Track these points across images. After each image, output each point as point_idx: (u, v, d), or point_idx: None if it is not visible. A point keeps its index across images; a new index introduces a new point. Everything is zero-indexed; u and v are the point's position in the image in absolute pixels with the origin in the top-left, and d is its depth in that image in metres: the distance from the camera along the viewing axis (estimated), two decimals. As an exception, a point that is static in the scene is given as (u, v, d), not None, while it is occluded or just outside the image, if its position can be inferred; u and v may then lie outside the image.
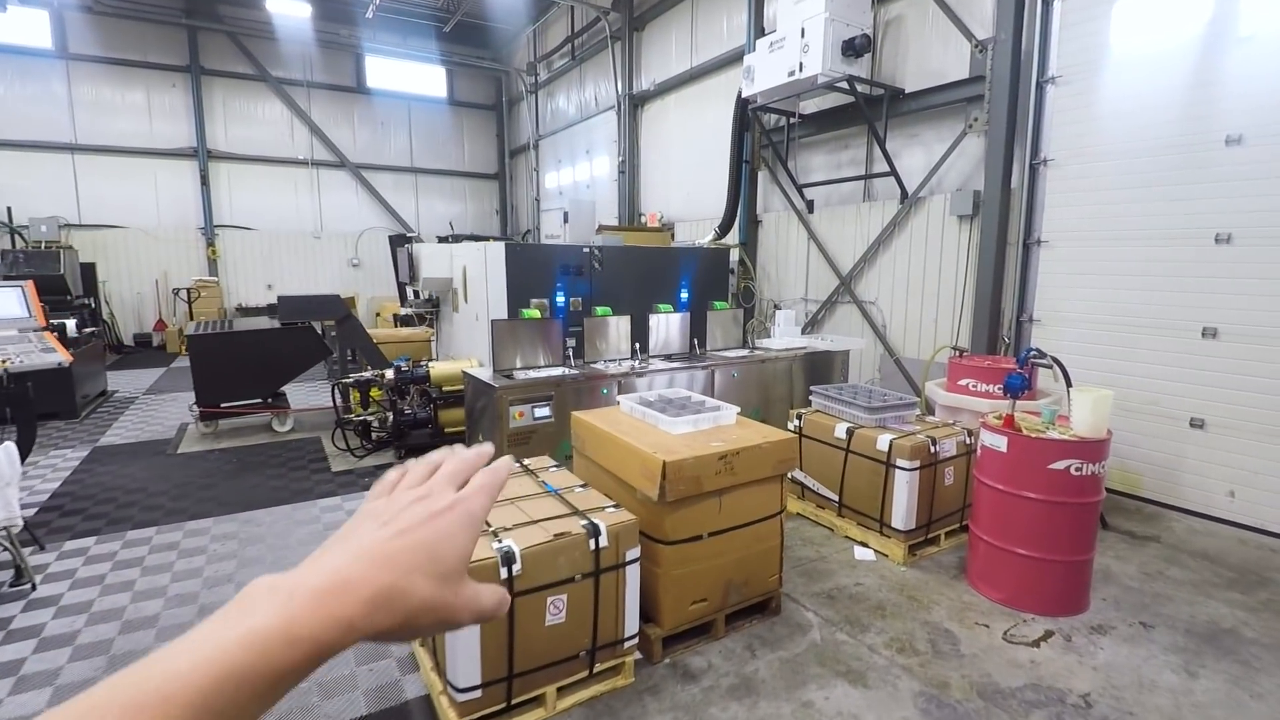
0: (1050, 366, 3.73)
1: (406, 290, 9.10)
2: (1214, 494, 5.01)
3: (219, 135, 14.84)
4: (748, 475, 3.25)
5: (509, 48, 16.56)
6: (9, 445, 3.84)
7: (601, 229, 8.68)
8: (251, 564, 4.27)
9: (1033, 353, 3.80)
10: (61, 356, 5.64)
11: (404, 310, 8.09)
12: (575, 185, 14.25)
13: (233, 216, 15.09)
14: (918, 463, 4.09)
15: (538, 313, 5.38)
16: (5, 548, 3.91)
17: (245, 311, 14.68)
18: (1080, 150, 5.62)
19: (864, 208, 7.58)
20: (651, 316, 6.11)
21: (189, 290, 13.75)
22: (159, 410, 8.54)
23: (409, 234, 14.11)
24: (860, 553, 4.33)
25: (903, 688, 3.02)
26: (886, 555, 4.27)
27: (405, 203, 16.92)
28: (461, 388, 5.83)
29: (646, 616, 3.17)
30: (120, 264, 14.21)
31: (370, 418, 6.41)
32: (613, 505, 2.99)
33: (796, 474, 4.89)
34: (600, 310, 5.81)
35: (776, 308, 8.67)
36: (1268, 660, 3.26)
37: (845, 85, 6.69)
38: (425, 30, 15.59)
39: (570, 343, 5.89)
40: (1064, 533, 3.58)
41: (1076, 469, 3.48)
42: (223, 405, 7.15)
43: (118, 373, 11.30)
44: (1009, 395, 3.65)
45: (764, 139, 8.60)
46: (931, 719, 2.83)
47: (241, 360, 6.99)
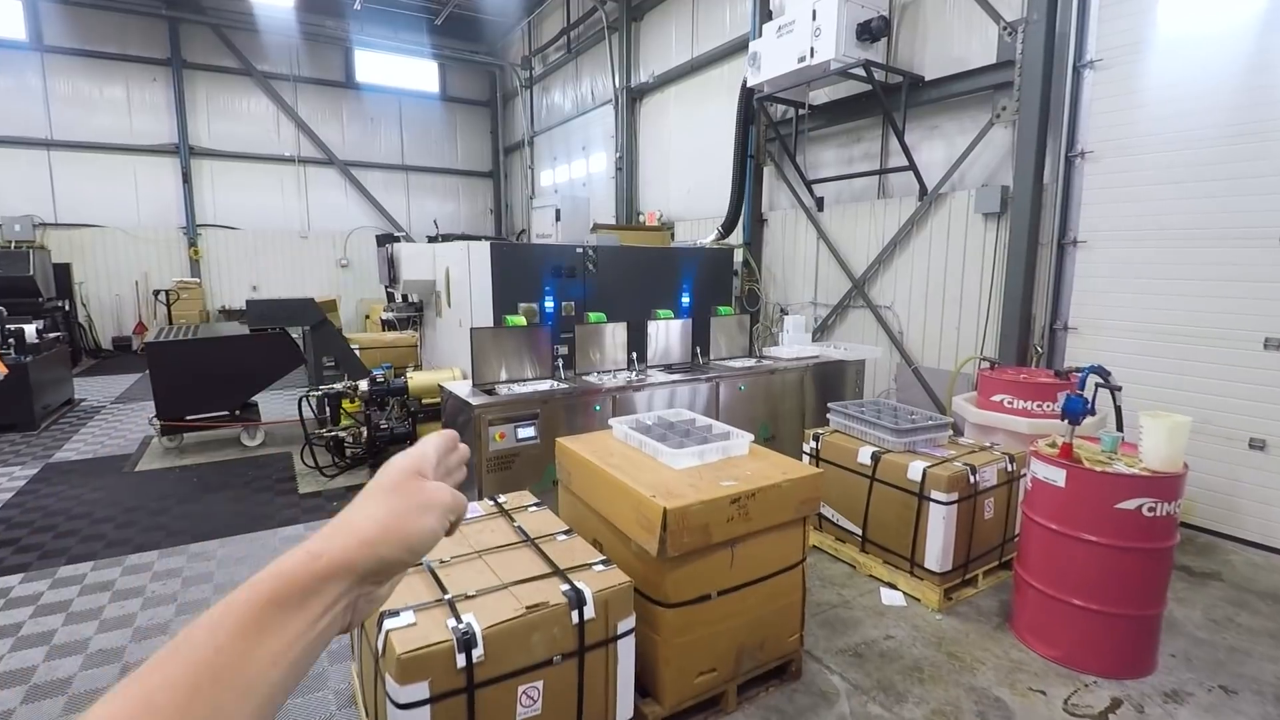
0: (1116, 389, 3.20)
1: (395, 294, 8.58)
2: (1276, 523, 4.49)
3: (202, 131, 14.28)
4: (765, 520, 2.72)
5: (503, 41, 16.03)
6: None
7: (597, 228, 8.15)
8: (192, 608, 3.74)
9: (1092, 371, 3.27)
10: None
11: (384, 314, 7.55)
12: (571, 183, 13.72)
13: (216, 215, 14.53)
14: (956, 495, 3.57)
15: (524, 320, 4.85)
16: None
17: (228, 314, 14.12)
18: (1122, 141, 5.10)
19: (879, 205, 7.05)
20: (650, 323, 5.59)
21: (168, 292, 13.19)
22: (125, 421, 8.01)
23: (396, 234, 13.57)
24: (888, 596, 3.80)
25: (953, 781, 2.50)
26: (919, 599, 3.74)
27: (396, 202, 16.38)
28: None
29: (643, 690, 2.64)
30: (98, 265, 13.65)
31: (342, 433, 5.88)
32: (601, 561, 2.46)
33: (812, 502, 4.36)
34: (593, 316, 5.28)
35: (784, 312, 8.15)
36: (1384, 741, 2.74)
37: (860, 72, 6.16)
38: (416, 23, 15.04)
39: (562, 351, 5.38)
40: (1132, 583, 3.05)
41: (1149, 509, 2.95)
42: (187, 418, 6.62)
43: (89, 379, 10.76)
44: (1068, 420, 3.12)
45: (770, 132, 8.08)
46: (993, 827, 2.31)
47: (206, 370, 6.45)
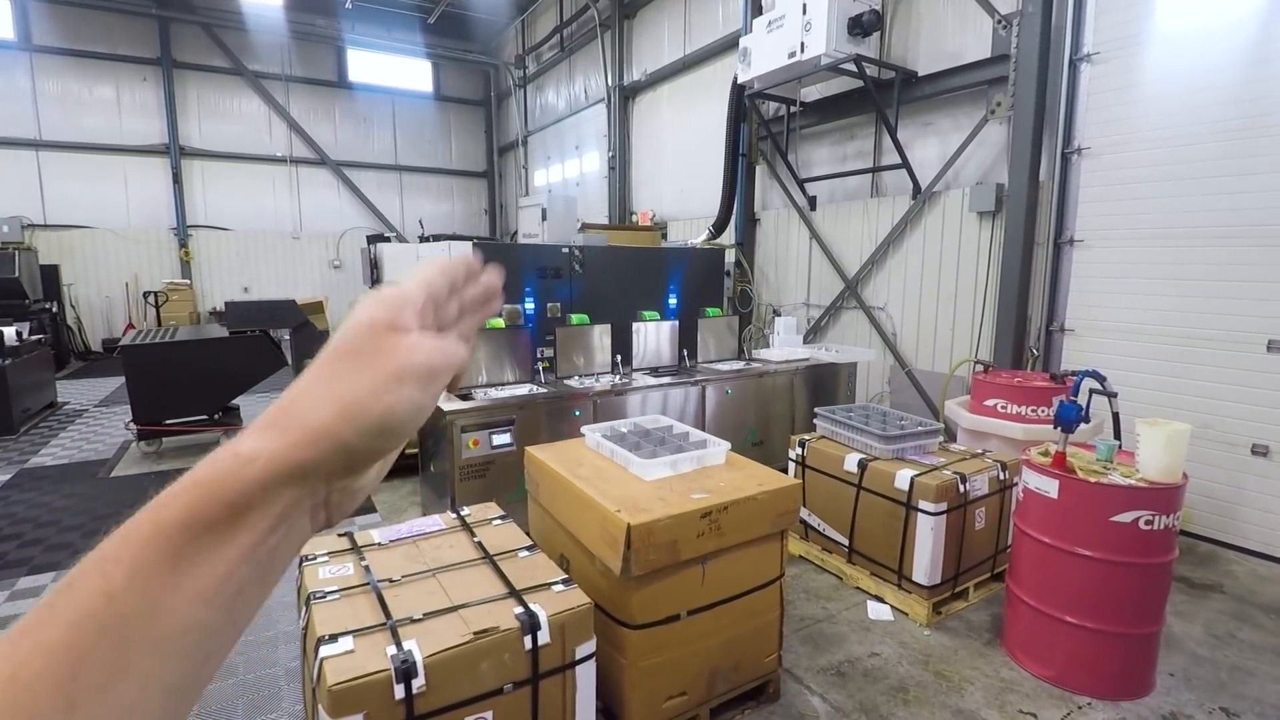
0: (1112, 395, 3.05)
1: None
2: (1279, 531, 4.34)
3: (192, 131, 14.15)
4: (739, 535, 2.58)
5: (497, 40, 15.89)
6: None
7: (585, 227, 8.00)
8: (151, 624, 3.59)
9: (1087, 375, 3.12)
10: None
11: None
12: (565, 183, 13.57)
13: (207, 216, 14.40)
14: (944, 505, 3.42)
15: (502, 322, 4.71)
16: None
17: (219, 316, 13.98)
18: (1120, 137, 4.95)
19: (872, 204, 6.90)
20: (635, 325, 5.45)
21: (157, 294, 13.05)
22: (106, 425, 7.86)
23: (387, 235, 13.43)
24: (875, 610, 3.65)
25: (937, 814, 2.35)
26: (906, 614, 3.59)
27: (389, 202, 16.24)
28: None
29: (609, 716, 2.50)
30: (88, 266, 13.52)
31: (320, 439, 5.73)
32: (562, 580, 2.31)
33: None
34: (576, 318, 5.13)
35: (776, 313, 7.99)
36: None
37: (852, 67, 6.01)
38: (409, 22, 14.90)
39: (548, 354, 5.24)
40: (1128, 600, 2.90)
41: (1146, 522, 2.80)
42: (166, 422, 6.48)
43: (74, 382, 10.63)
44: (1061, 428, 2.97)
45: (762, 130, 7.93)
46: None
47: (183, 373, 6.30)
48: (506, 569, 2.40)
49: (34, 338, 8.49)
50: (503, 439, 4.10)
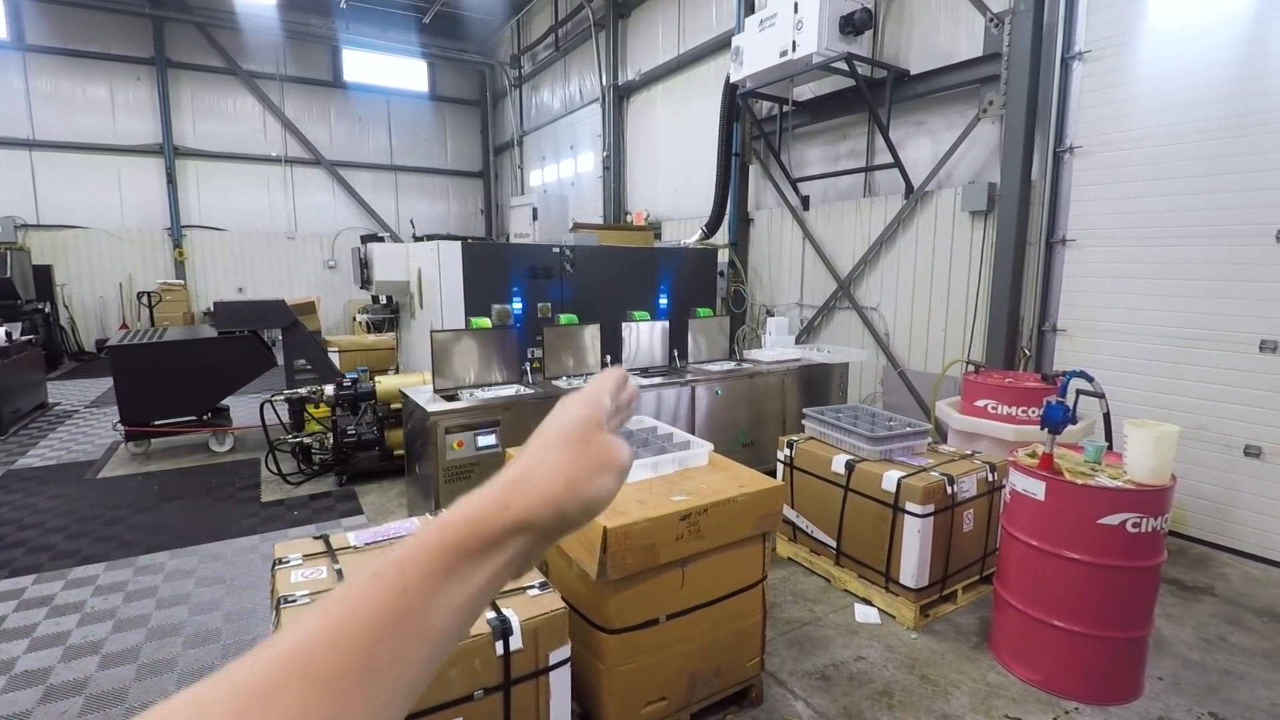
0: (1100, 396, 3.01)
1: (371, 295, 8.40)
2: (1274, 534, 4.30)
3: (187, 131, 14.11)
4: (720, 538, 2.54)
5: (492, 40, 15.85)
6: None
7: (576, 227, 7.96)
8: (129, 627, 3.55)
9: (1075, 375, 3.08)
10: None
11: (358, 316, 7.38)
12: (560, 182, 13.54)
13: (201, 216, 14.35)
14: (931, 507, 3.38)
15: (488, 322, 4.67)
16: None
17: (213, 316, 13.94)
18: (1112, 136, 4.92)
19: (864, 204, 6.86)
20: (625, 325, 5.40)
21: (150, 294, 13.00)
22: (95, 426, 7.81)
23: (380, 235, 13.38)
24: (862, 613, 3.61)
25: (919, 822, 2.31)
26: (894, 616, 3.55)
27: (385, 202, 16.19)
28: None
29: (587, 722, 2.46)
30: (82, 266, 13.47)
31: (308, 439, 5.70)
32: (539, 584, 2.27)
33: (787, 513, 4.17)
34: (564, 318, 5.09)
35: (770, 314, 7.96)
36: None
37: (843, 66, 5.98)
38: (405, 21, 14.86)
39: (538, 354, 5.20)
40: (1116, 603, 2.86)
41: (1134, 524, 2.76)
42: (154, 423, 6.44)
43: (66, 383, 10.59)
44: (1048, 429, 2.93)
45: (755, 129, 7.89)
46: None
47: (171, 374, 6.26)
48: (481, 573, 2.35)
49: (25, 338, 8.44)
50: (488, 440, 4.06)
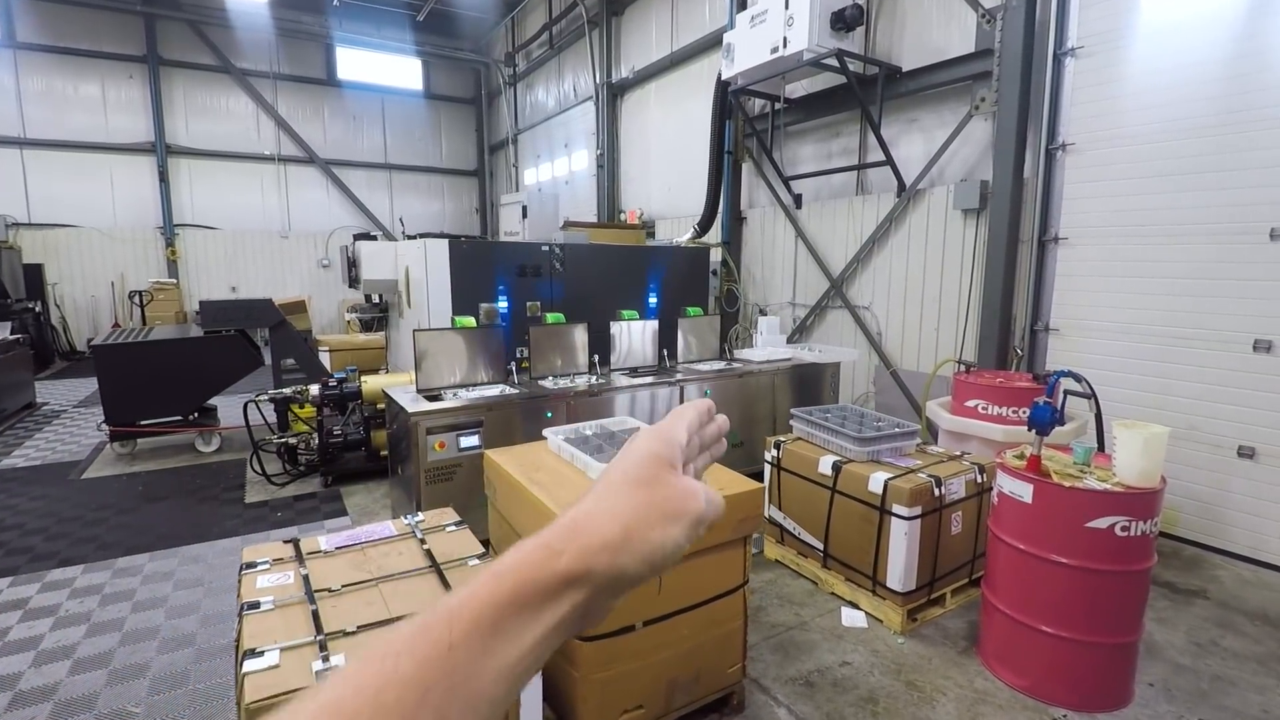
0: (1089, 396, 2.96)
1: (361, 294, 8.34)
2: (1267, 535, 4.25)
3: (179, 129, 14.03)
4: (698, 542, 2.47)
5: (487, 37, 15.77)
6: None
7: (567, 225, 7.89)
8: (103, 631, 3.49)
9: (1063, 375, 3.02)
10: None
11: (348, 315, 7.32)
12: (554, 181, 13.47)
13: (194, 215, 14.28)
14: (919, 509, 3.32)
15: (473, 321, 4.61)
16: None
17: (205, 315, 13.86)
18: (1105, 133, 4.87)
19: (857, 202, 6.81)
20: (614, 325, 5.34)
21: (142, 293, 12.92)
22: (83, 426, 7.74)
23: (373, 233, 13.31)
24: (849, 616, 3.55)
25: (900, 834, 2.25)
26: (881, 620, 3.50)
27: (379, 201, 16.13)
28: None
29: (561, 731, 2.40)
30: (73, 265, 13.39)
31: (292, 439, 5.63)
32: (508, 590, 2.21)
33: (775, 514, 4.12)
34: (551, 317, 5.03)
35: (762, 313, 7.90)
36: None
37: (835, 63, 5.92)
38: (399, 19, 14.79)
39: (526, 354, 5.14)
40: (1105, 608, 2.81)
41: (1123, 528, 2.71)
42: (141, 423, 6.37)
43: (55, 382, 10.52)
44: (1035, 430, 2.87)
45: (747, 127, 7.84)
46: None
47: (156, 373, 6.19)
48: (453, 578, 2.30)
49: (13, 337, 8.38)
50: (470, 441, 4.00)
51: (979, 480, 3.62)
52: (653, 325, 5.49)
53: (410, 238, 10.64)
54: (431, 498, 3.91)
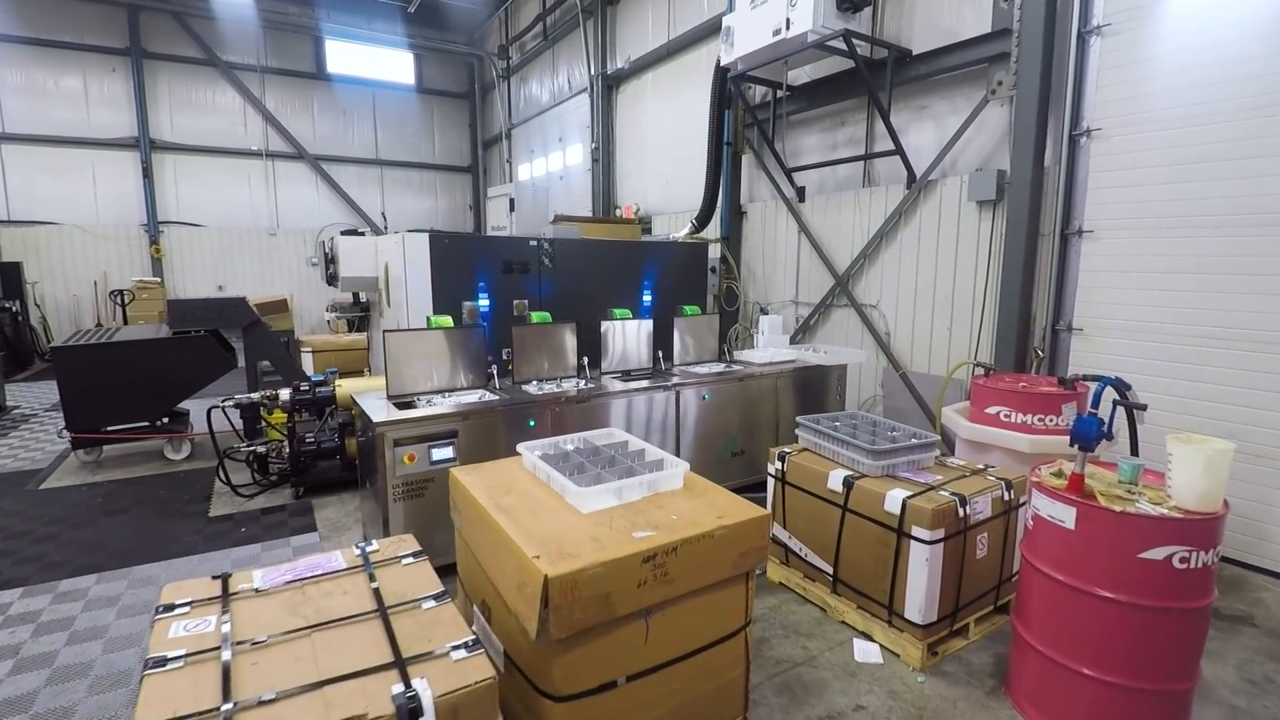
0: (1141, 408, 2.59)
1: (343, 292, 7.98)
2: (1315, 554, 3.89)
3: (164, 124, 13.64)
4: (692, 581, 2.12)
5: (480, 30, 15.39)
6: None
7: (558, 219, 7.53)
8: (29, 667, 3.12)
9: (1110, 383, 2.66)
10: None
11: (326, 315, 6.97)
12: (549, 176, 13.08)
13: (179, 212, 13.89)
14: (941, 532, 2.96)
15: (450, 320, 4.24)
16: None
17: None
18: (1133, 117, 4.50)
19: (864, 194, 6.44)
20: (605, 324, 4.99)
21: (124, 293, 12.55)
22: (51, 431, 7.38)
23: (361, 230, 12.94)
24: (862, 650, 3.20)
25: None
26: (898, 655, 3.14)
27: (370, 197, 15.74)
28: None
29: (531, 803, 2.04)
30: (54, 264, 13.01)
31: (262, 447, 5.28)
32: (465, 644, 1.85)
33: (779, 533, 3.76)
34: (536, 316, 4.67)
35: (764, 312, 7.54)
36: None
37: (841, 45, 5.55)
38: (389, 11, 14.40)
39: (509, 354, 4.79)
40: (1158, 651, 2.45)
41: (1182, 559, 2.36)
42: (106, 429, 6.01)
43: (32, 384, 10.17)
44: (1079, 447, 2.52)
45: (747, 116, 7.47)
46: None
47: (121, 376, 5.83)
48: (400, 626, 1.94)
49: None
50: (444, 453, 3.64)
51: (1006, 497, 3.27)
52: (647, 325, 5.14)
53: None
54: (399, 515, 3.55)
